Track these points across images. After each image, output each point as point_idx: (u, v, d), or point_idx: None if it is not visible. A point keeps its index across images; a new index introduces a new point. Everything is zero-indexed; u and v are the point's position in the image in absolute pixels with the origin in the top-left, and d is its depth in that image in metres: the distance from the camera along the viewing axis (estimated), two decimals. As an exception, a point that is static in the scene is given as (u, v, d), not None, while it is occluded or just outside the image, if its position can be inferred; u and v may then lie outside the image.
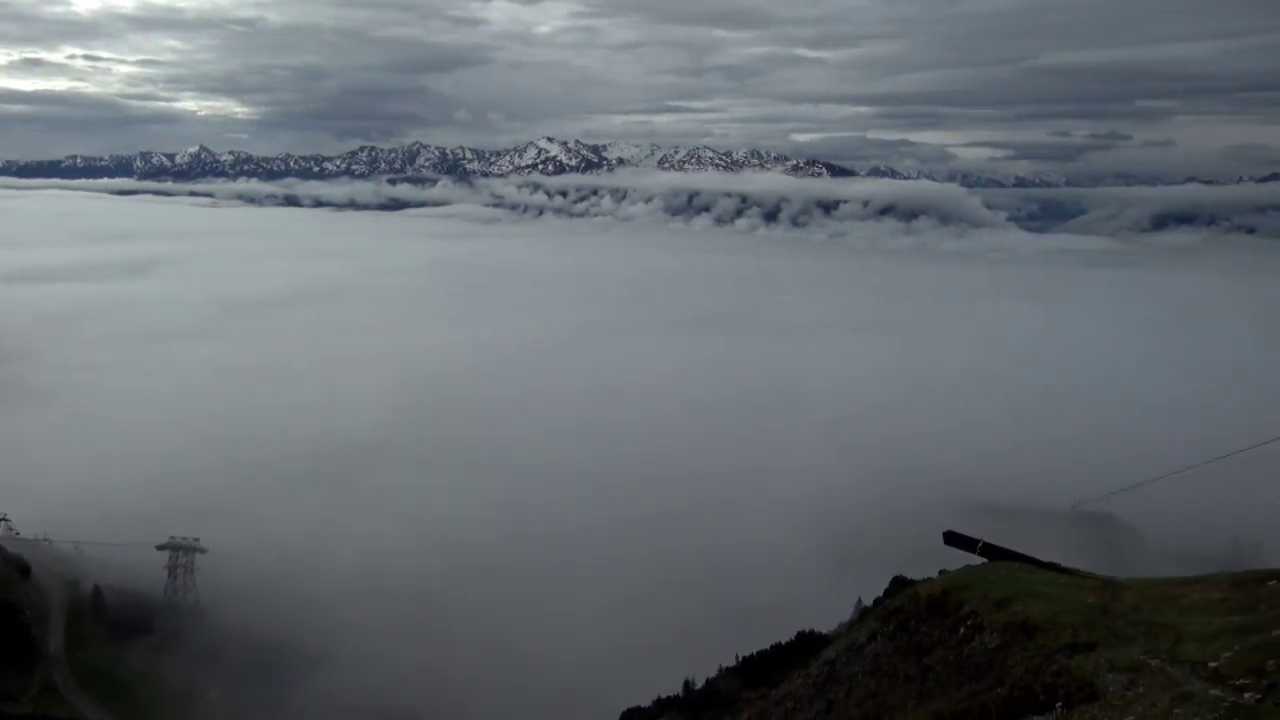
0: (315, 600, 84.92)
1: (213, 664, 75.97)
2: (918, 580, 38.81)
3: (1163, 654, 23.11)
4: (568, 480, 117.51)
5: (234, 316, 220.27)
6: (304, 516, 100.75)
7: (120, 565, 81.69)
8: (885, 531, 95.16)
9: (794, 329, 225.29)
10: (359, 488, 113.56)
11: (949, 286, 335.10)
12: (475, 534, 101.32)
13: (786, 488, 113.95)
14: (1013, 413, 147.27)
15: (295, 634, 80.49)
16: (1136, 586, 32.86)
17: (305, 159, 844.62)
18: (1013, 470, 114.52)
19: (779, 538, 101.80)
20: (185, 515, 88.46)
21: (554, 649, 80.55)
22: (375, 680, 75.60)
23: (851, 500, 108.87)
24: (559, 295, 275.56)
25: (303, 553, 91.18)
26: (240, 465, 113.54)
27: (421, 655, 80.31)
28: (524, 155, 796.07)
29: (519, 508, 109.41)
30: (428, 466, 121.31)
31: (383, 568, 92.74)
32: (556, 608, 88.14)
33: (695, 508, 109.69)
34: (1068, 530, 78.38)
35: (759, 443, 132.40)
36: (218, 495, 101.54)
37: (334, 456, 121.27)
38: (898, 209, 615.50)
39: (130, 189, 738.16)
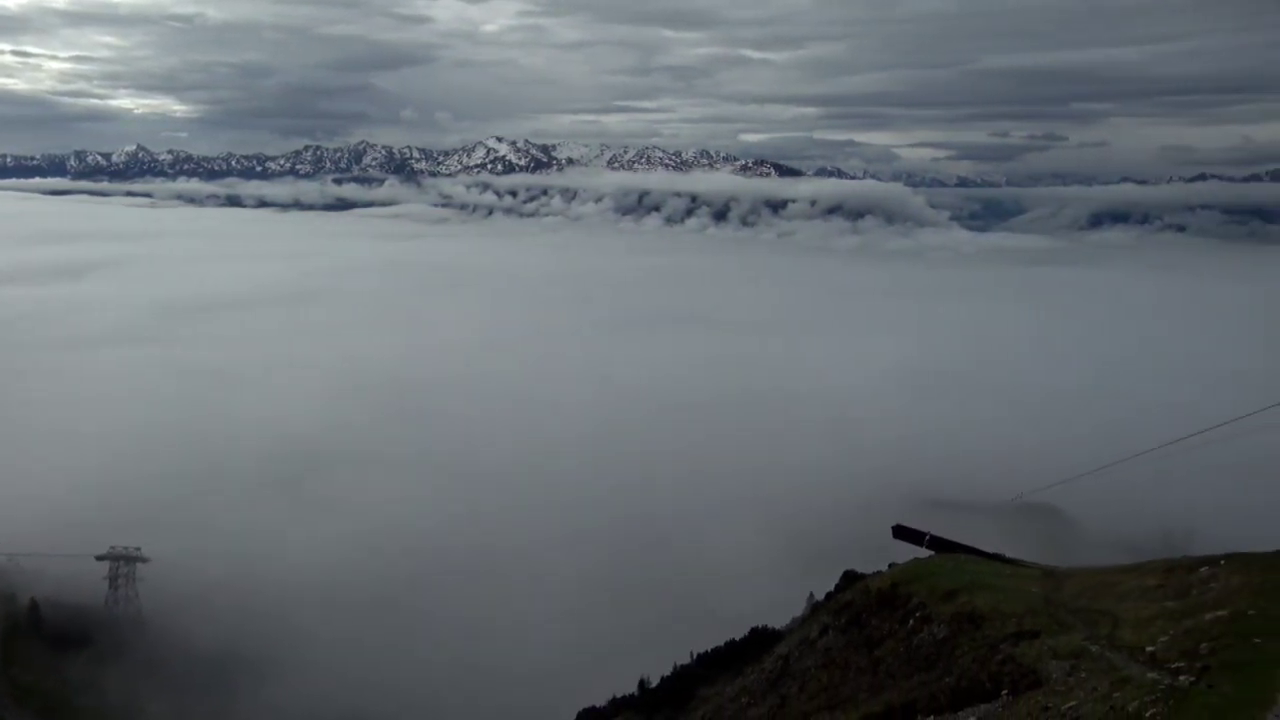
0: (263, 609, 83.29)
1: (156, 676, 74.10)
2: (868, 574, 39.54)
3: (1102, 640, 23.95)
4: (520, 483, 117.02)
5: (175, 320, 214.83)
6: (251, 524, 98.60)
7: (58, 577, 79.28)
8: (836, 527, 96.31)
9: (743, 328, 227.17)
10: (306, 494, 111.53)
11: (894, 285, 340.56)
12: (427, 541, 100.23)
13: (738, 486, 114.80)
14: (958, 408, 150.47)
15: (242, 644, 78.90)
16: (1077, 575, 33.97)
17: (248, 158, 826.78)
18: (958, 464, 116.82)
19: (732, 536, 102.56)
20: (127, 524, 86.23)
21: (509, 657, 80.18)
22: (325, 690, 74.42)
23: (802, 497, 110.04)
24: (510, 296, 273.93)
25: (250, 561, 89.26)
26: (184, 472, 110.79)
27: (373, 665, 79.31)
28: (473, 155, 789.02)
29: (471, 512, 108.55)
30: (377, 471, 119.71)
31: (332, 576, 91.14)
32: (512, 614, 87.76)
33: (648, 509, 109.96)
34: (1011, 522, 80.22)
35: (710, 441, 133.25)
36: (161, 503, 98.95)
37: (281, 462, 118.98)
38: (844, 208, 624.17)
39: (64, 189, 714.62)
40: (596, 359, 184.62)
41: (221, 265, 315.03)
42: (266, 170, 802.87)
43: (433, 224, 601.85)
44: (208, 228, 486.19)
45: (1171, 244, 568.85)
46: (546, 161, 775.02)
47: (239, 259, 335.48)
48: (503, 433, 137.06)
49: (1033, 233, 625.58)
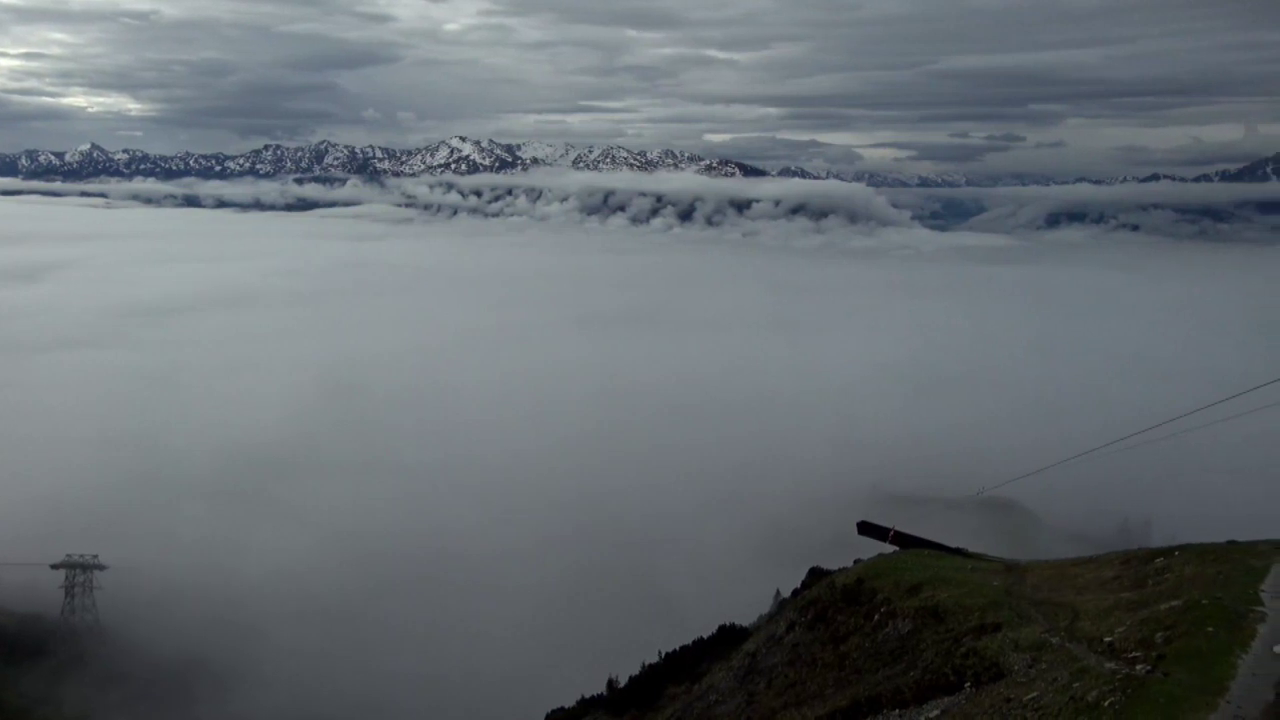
0: (224, 618, 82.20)
1: (115, 687, 72.79)
2: (834, 570, 39.86)
3: (1062, 631, 24.40)
4: (484, 487, 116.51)
5: (132, 323, 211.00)
6: (209, 531, 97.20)
7: (12, 586, 77.49)
8: (801, 523, 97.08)
9: (706, 326, 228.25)
10: (265, 500, 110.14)
11: (857, 283, 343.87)
12: (388, 546, 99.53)
13: (702, 483, 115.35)
14: (919, 404, 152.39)
15: (203, 653, 77.83)
16: (1037, 568, 34.56)
17: (206, 158, 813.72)
18: (921, 460, 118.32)
19: (698, 534, 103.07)
20: (83, 532, 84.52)
21: (476, 661, 79.78)
22: (288, 699, 73.55)
23: (767, 494, 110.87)
24: (473, 296, 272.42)
25: (210, 569, 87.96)
26: (141, 478, 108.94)
27: (337, 672, 78.59)
28: (436, 154, 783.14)
29: (433, 515, 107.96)
30: (336, 477, 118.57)
31: (294, 583, 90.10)
32: (478, 619, 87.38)
33: (616, 511, 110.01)
34: (972, 517, 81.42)
35: (673, 439, 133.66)
36: (117, 510, 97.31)
37: (239, 468, 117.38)
38: (808, 208, 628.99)
39: (15, 189, 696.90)
40: (560, 360, 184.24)
41: (177, 267, 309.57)
42: (226, 170, 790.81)
43: (396, 224, 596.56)
44: (164, 229, 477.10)
45: (1126, 243, 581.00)
46: (511, 161, 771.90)
47: (195, 260, 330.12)
48: (465, 436, 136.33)
49: (992, 231, 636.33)
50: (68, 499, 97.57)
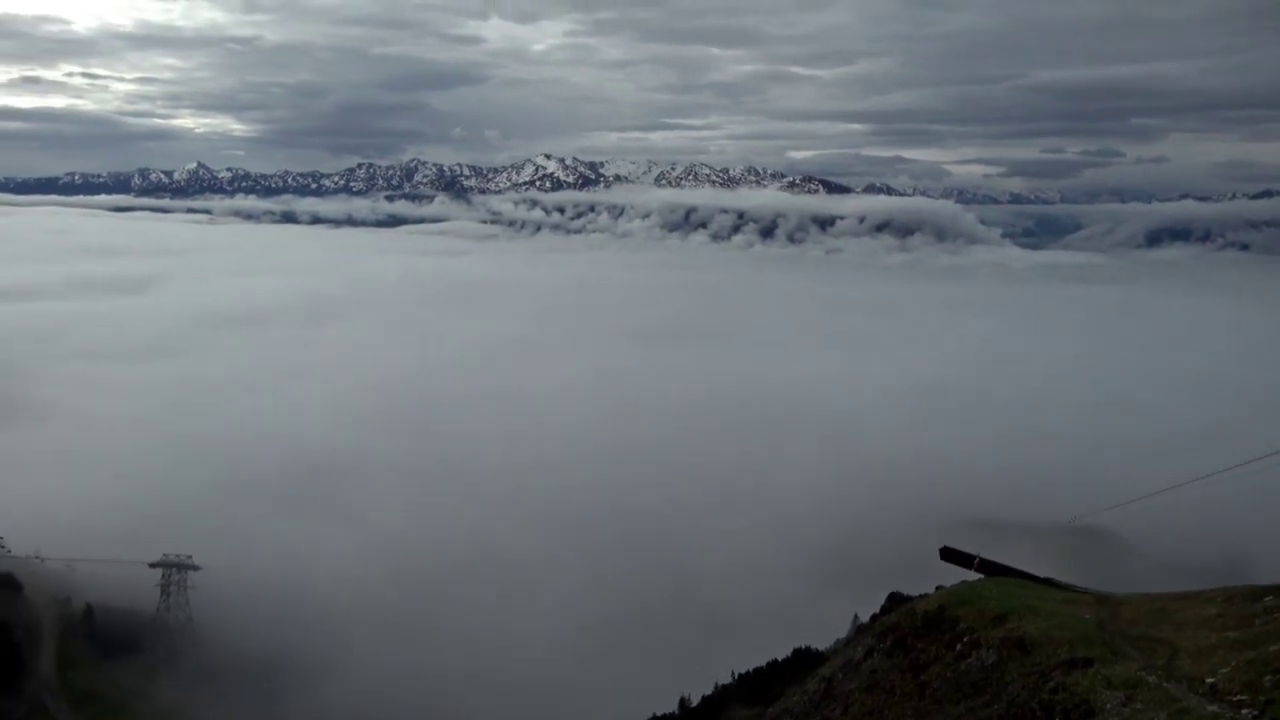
0: (304, 617, 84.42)
1: (205, 683, 75.15)
2: (914, 596, 38.68)
3: (1159, 670, 23.02)
4: (554, 496, 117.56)
5: (224, 333, 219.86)
6: (290, 533, 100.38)
7: (112, 583, 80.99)
8: (880, 547, 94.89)
9: (785, 344, 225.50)
10: (342, 504, 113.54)
11: (942, 301, 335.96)
12: (457, 551, 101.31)
13: (778, 503, 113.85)
14: (1008, 428, 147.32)
15: (286, 651, 79.87)
16: (1132, 602, 32.80)
17: (303, 176, 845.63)
18: (1007, 485, 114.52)
19: (773, 554, 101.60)
20: (177, 532, 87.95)
21: (544, 663, 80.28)
22: (365, 696, 75.11)
23: (844, 516, 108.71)
24: (544, 310, 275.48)
25: (292, 568, 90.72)
26: (228, 481, 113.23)
27: (407, 670, 79.83)
28: (521, 172, 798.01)
29: (505, 524, 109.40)
30: (406, 482, 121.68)
31: (366, 584, 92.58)
32: (544, 627, 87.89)
33: (683, 525, 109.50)
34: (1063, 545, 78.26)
35: (750, 458, 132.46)
36: (207, 511, 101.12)
37: (315, 472, 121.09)
38: (893, 225, 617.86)
39: (127, 205, 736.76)
40: (630, 375, 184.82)
41: (270, 280, 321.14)
42: (321, 187, 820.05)
43: (480, 240, 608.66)
44: (261, 244, 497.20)
45: (1234, 262, 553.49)
46: (594, 178, 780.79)
47: (288, 274, 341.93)
48: (535, 447, 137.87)
49: (1089, 250, 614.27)
50: (164, 500, 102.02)
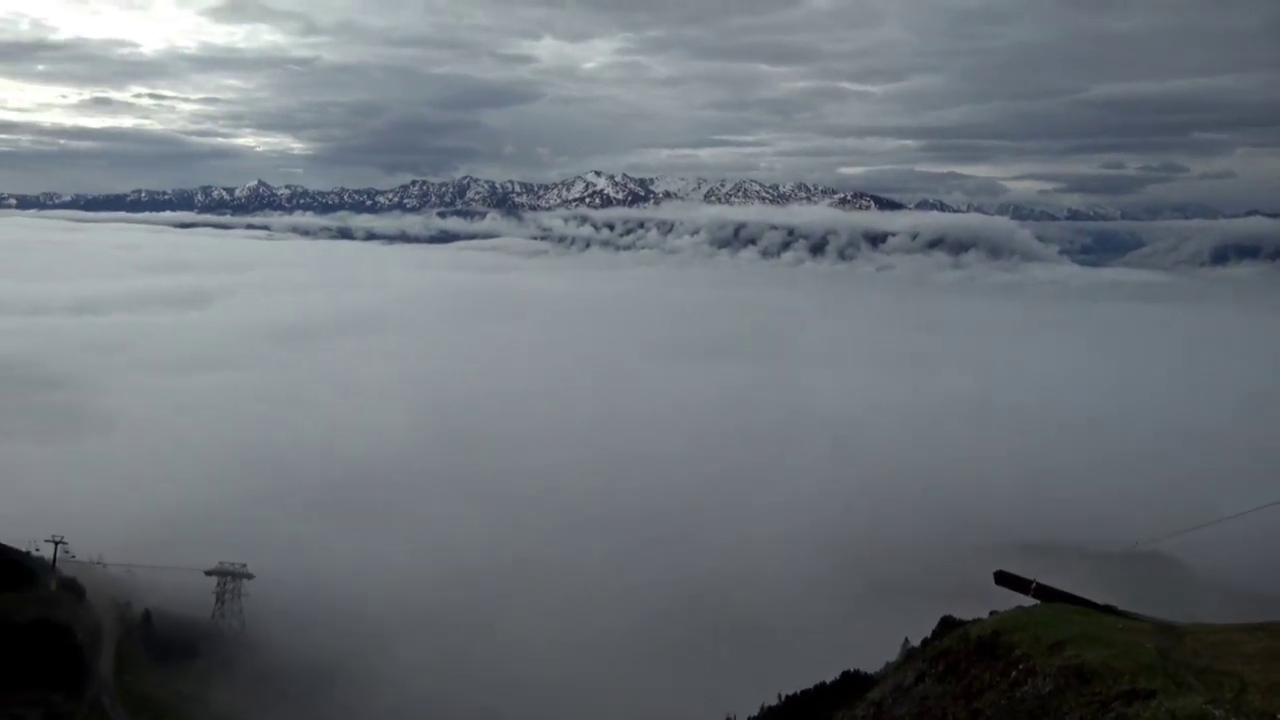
0: (355, 626, 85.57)
1: (259, 689, 76.42)
2: (967, 621, 37.77)
3: (1227, 704, 22.13)
4: (600, 508, 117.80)
5: (281, 346, 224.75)
6: (341, 543, 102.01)
7: (169, 589, 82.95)
8: (931, 569, 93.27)
9: (835, 361, 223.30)
10: (390, 514, 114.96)
11: (997, 319, 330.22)
12: (506, 560, 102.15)
13: (825, 522, 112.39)
14: (1065, 450, 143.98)
15: (338, 660, 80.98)
16: (1197, 632, 31.60)
17: (358, 193, 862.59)
18: (1064, 509, 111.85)
19: (819, 572, 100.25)
20: (231, 541, 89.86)
21: (588, 673, 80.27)
22: (416, 705, 75.78)
23: (893, 536, 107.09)
24: (597, 325, 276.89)
25: (343, 577, 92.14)
26: (282, 491, 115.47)
27: (458, 678, 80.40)
28: (572, 189, 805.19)
29: (549, 534, 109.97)
30: (452, 492, 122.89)
31: (419, 592, 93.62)
32: (591, 636, 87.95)
33: (731, 540, 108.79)
34: (1123, 572, 75.73)
35: (798, 475, 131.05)
36: (261, 521, 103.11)
37: (366, 483, 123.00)
38: (947, 242, 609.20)
39: (191, 222, 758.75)
40: (677, 390, 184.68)
41: (325, 295, 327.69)
42: (376, 204, 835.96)
43: (529, 256, 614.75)
44: (317, 259, 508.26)
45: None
46: (644, 195, 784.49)
47: (342, 288, 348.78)
48: (580, 460, 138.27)
49: (1151, 268, 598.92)
50: (220, 509, 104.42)
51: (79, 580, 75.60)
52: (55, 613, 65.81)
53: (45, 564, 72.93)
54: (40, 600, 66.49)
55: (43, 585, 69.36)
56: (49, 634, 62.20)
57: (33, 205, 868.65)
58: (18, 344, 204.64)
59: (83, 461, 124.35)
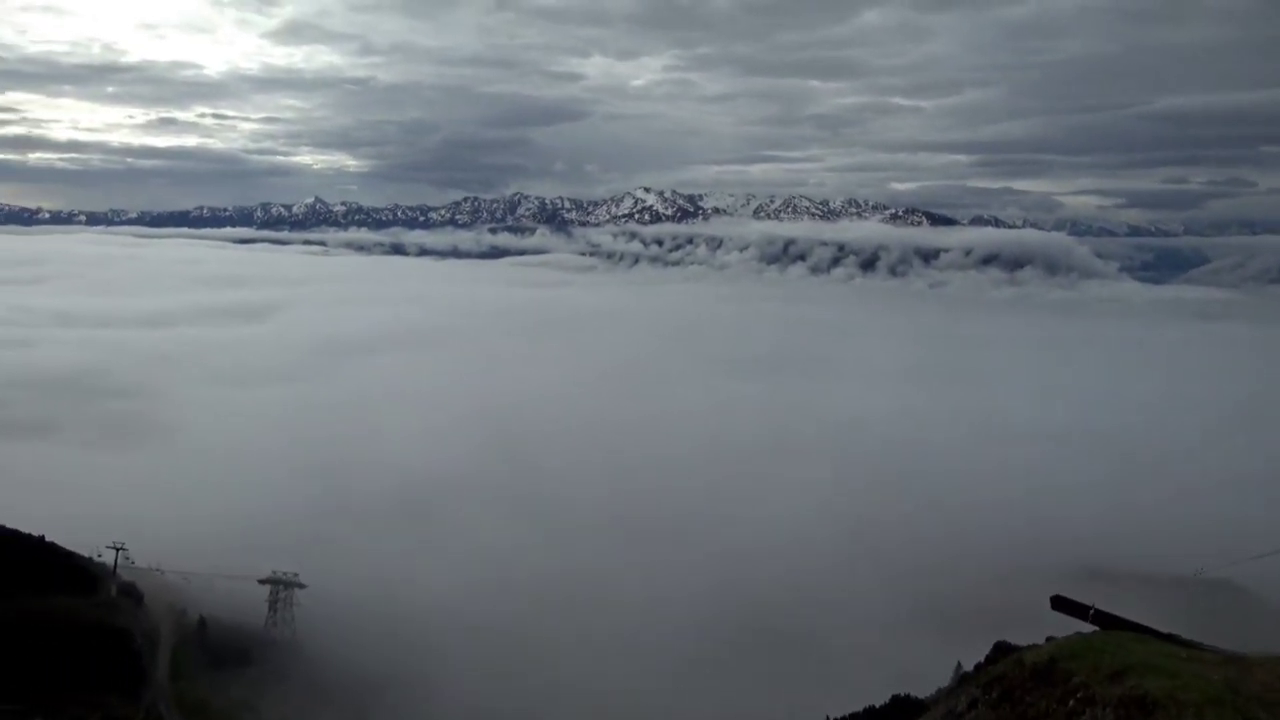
0: (405, 636, 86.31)
1: (310, 698, 77.38)
2: (1023, 647, 36.76)
3: (1300, 741, 21.11)
4: (647, 523, 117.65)
5: (332, 359, 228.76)
6: (390, 553, 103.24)
7: (223, 597, 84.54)
8: (984, 593, 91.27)
9: (887, 379, 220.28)
10: (438, 524, 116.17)
11: (1056, 338, 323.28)
12: (555, 574, 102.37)
13: (876, 542, 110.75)
14: (1125, 472, 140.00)
15: (387, 669, 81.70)
16: (1266, 664, 30.30)
17: (411, 209, 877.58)
18: (1124, 533, 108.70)
19: (870, 593, 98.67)
20: (285, 550, 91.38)
21: (633, 688, 79.94)
22: (466, 712, 76.15)
23: (946, 558, 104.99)
24: (645, 341, 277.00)
25: (393, 588, 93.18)
26: (335, 502, 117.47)
27: (508, 688, 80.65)
28: (621, 205, 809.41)
29: (597, 549, 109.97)
30: (499, 503, 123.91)
31: (468, 604, 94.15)
32: (634, 648, 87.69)
33: (779, 558, 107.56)
34: (1187, 599, 73.27)
35: (848, 494, 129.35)
36: (315, 531, 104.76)
37: (416, 495, 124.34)
38: (1002, 258, 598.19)
39: (250, 237, 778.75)
40: (726, 407, 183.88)
41: (377, 309, 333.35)
42: (428, 220, 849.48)
43: (578, 272, 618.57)
44: (370, 274, 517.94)
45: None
46: (692, 211, 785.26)
47: (394, 303, 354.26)
48: (629, 475, 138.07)
49: (1216, 285, 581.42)
50: (273, 518, 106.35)
51: (138, 586, 77.45)
52: (115, 617, 67.38)
53: (107, 569, 74.84)
54: (101, 605, 68.15)
55: (104, 590, 71.07)
56: (108, 638, 63.73)
57: (101, 221, 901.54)
58: (87, 355, 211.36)
59: (145, 470, 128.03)
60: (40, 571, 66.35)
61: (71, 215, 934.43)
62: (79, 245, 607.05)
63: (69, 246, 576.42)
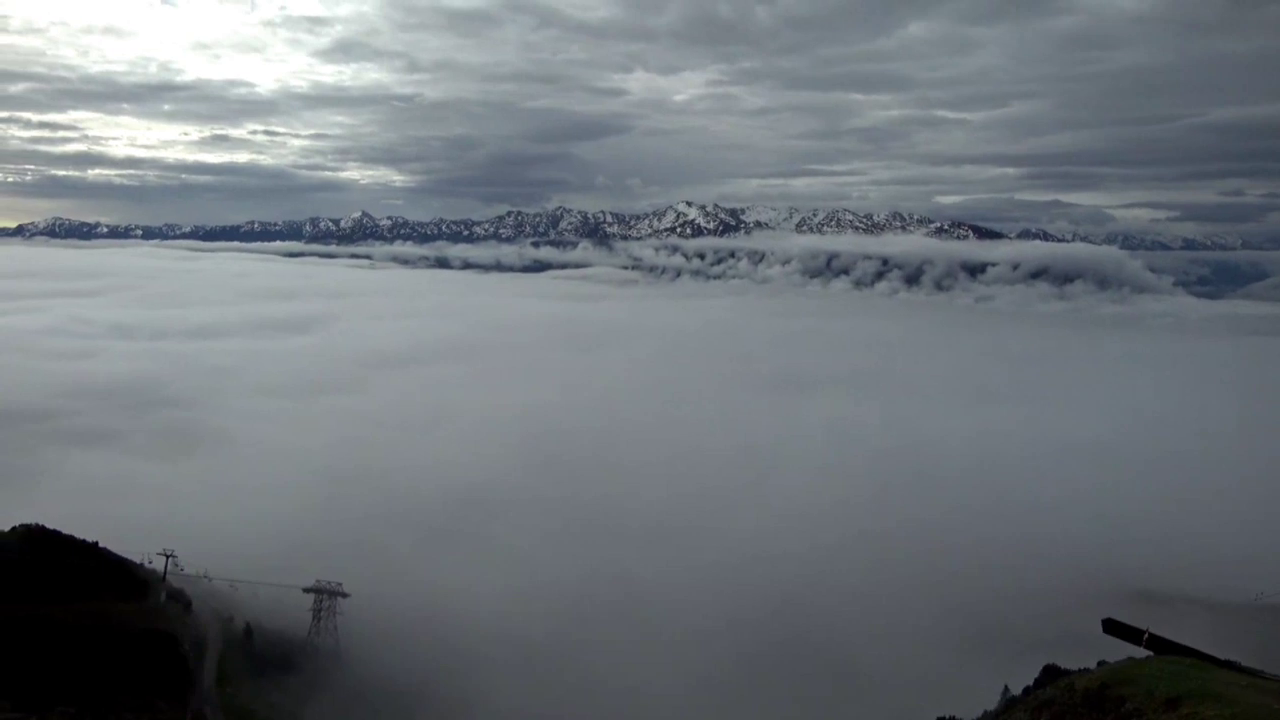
0: (449, 647, 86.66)
1: (353, 707, 78.01)
2: (1072, 670, 35.80)
3: (1369, 777, 20.17)
4: (689, 538, 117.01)
5: (377, 370, 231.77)
6: (433, 564, 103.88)
7: (268, 605, 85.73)
8: (1033, 615, 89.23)
9: (932, 395, 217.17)
10: (480, 537, 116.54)
11: (1107, 354, 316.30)
12: (598, 588, 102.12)
13: (921, 561, 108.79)
14: (1179, 493, 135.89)
15: (430, 680, 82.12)
16: (1334, 695, 29.10)
17: (455, 223, 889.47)
18: (1178, 556, 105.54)
19: (915, 614, 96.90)
20: (329, 559, 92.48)
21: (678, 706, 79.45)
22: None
23: (994, 579, 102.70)
24: (687, 355, 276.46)
25: (435, 600, 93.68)
26: (378, 512, 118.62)
27: (551, 706, 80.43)
28: (663, 219, 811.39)
29: (641, 564, 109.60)
30: (550, 519, 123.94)
31: (511, 618, 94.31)
32: (679, 666, 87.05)
33: (822, 576, 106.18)
34: (1246, 626, 70.80)
35: (893, 512, 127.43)
36: (358, 541, 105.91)
37: (457, 507, 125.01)
38: (1051, 272, 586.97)
39: (299, 251, 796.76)
40: (768, 422, 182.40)
41: (421, 322, 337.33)
42: (472, 234, 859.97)
43: (620, 285, 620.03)
44: (415, 287, 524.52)
45: None
46: (734, 225, 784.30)
47: (438, 316, 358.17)
48: (671, 490, 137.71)
49: (1274, 300, 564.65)
50: (318, 528, 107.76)
51: (186, 592, 78.92)
52: (164, 623, 68.72)
53: (157, 575, 76.40)
54: (150, 610, 69.56)
55: (153, 596, 72.52)
56: (157, 643, 65.02)
57: (156, 235, 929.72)
58: (142, 366, 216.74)
59: (195, 478, 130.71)
60: (93, 576, 68.02)
61: (128, 229, 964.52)
62: (135, 259, 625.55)
63: (125, 260, 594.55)
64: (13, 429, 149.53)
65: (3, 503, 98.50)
